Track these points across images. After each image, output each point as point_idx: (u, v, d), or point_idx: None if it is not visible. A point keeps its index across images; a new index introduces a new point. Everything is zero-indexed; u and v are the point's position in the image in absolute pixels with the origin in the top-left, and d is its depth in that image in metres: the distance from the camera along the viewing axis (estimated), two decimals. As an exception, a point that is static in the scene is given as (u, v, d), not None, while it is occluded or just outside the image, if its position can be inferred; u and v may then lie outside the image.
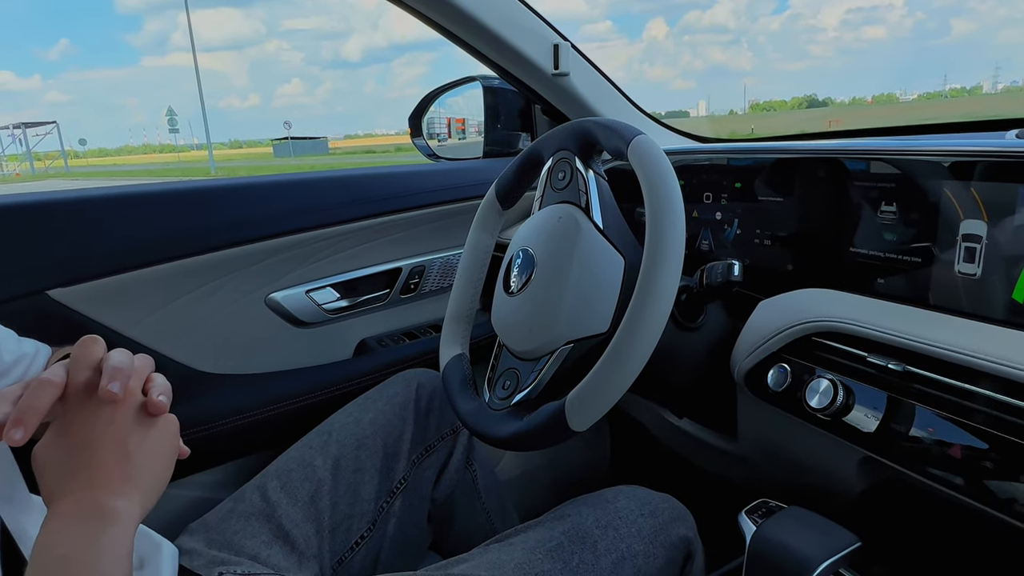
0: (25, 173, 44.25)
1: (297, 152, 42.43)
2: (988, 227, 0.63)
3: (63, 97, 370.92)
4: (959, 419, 0.60)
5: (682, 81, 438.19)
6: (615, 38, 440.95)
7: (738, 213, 0.92)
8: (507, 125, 1.35)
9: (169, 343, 0.95)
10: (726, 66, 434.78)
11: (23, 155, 50.22)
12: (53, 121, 52.01)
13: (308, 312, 1.08)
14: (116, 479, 0.47)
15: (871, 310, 0.70)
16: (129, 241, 0.91)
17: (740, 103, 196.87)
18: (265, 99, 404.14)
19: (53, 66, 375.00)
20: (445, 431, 0.95)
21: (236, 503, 0.81)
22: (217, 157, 54.86)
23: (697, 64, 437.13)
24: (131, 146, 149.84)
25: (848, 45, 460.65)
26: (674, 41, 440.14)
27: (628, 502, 0.79)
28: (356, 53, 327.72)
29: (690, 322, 0.81)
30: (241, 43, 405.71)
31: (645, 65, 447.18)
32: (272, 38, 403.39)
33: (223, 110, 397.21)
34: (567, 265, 0.72)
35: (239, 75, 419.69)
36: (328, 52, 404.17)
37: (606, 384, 0.62)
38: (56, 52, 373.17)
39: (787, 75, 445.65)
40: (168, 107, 39.73)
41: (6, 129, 52.39)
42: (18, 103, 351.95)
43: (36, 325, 0.75)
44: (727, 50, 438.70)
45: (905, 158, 0.72)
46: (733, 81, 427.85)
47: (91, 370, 0.50)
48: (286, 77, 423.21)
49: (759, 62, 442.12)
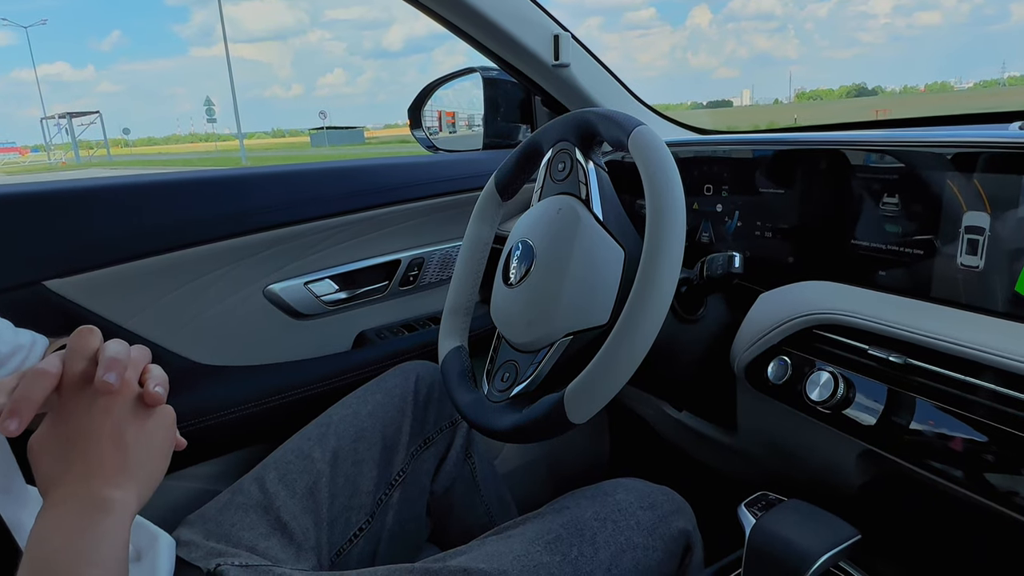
0: (70, 162, 45.27)
1: (332, 142, 42.51)
2: (991, 219, 0.63)
3: (114, 87, 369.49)
4: (960, 412, 0.60)
5: (726, 69, 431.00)
6: (658, 26, 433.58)
7: (739, 205, 0.92)
8: (507, 116, 1.34)
9: (167, 334, 0.95)
10: (771, 54, 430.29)
11: (70, 144, 50.91)
12: (97, 111, 52.72)
13: (307, 304, 1.08)
14: (112, 470, 0.47)
15: (872, 302, 0.70)
16: (127, 232, 0.90)
17: (786, 92, 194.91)
18: (308, 89, 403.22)
19: (105, 57, 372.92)
20: (444, 423, 0.94)
21: (234, 495, 0.81)
22: (255, 147, 57.10)
23: (741, 52, 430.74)
24: (178, 135, 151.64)
25: (900, 32, 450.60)
26: (718, 29, 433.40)
27: (627, 495, 0.78)
28: (397, 43, 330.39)
29: (690, 314, 0.81)
30: (285, 33, 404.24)
31: (688, 53, 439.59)
32: (315, 28, 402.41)
33: (267, 99, 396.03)
34: (566, 257, 0.72)
35: (283, 65, 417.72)
36: (369, 42, 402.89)
37: (605, 377, 0.61)
38: (108, 43, 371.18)
39: (835, 63, 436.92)
40: (206, 97, 39.87)
41: (52, 119, 52.89)
42: (73, 94, 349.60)
43: (33, 316, 0.75)
44: (772, 38, 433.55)
45: (908, 150, 0.71)
46: (779, 69, 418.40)
47: (87, 360, 0.50)
48: (328, 67, 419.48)
49: (806, 50, 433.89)
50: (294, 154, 34.12)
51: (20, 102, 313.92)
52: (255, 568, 0.70)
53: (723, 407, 0.90)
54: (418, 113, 1.40)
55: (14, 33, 69.34)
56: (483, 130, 1.35)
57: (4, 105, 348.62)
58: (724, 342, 0.84)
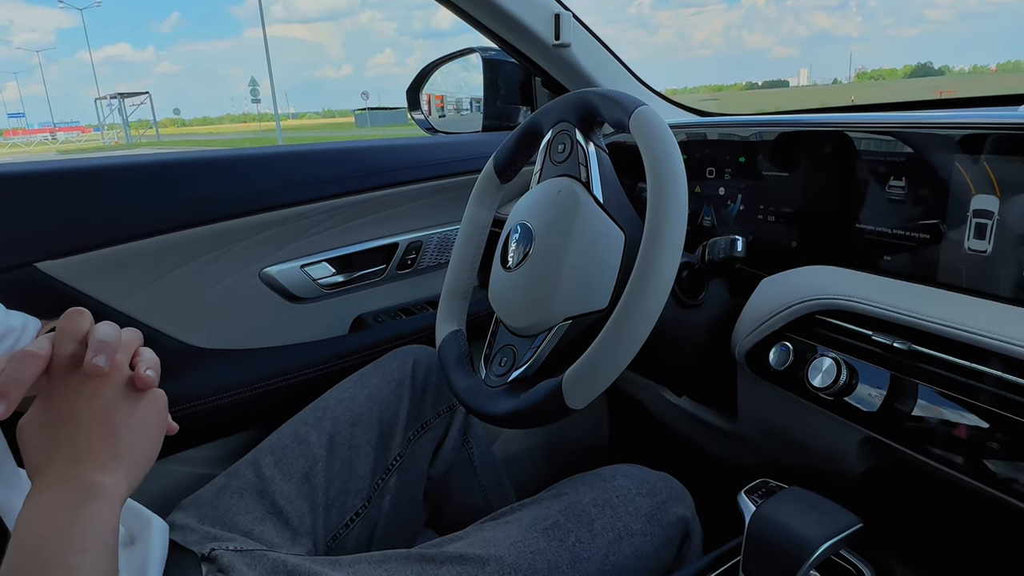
0: (121, 141, 47.02)
1: (375, 122, 42.72)
2: (1000, 203, 0.61)
3: (173, 68, 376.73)
4: (965, 399, 0.59)
5: (783, 49, 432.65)
6: (713, 4, 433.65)
7: (742, 189, 0.91)
8: (507, 98, 1.32)
9: (161, 317, 0.94)
10: (831, 33, 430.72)
11: (123, 124, 51.97)
12: (146, 92, 53.19)
13: (303, 287, 1.06)
14: (101, 454, 0.46)
15: (877, 287, 0.69)
16: (122, 213, 0.89)
17: (845, 72, 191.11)
18: (358, 69, 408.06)
19: (165, 38, 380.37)
20: (441, 408, 0.94)
21: (229, 479, 0.80)
22: (301, 127, 60.21)
23: (800, 31, 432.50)
24: (231, 115, 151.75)
25: (971, 8, 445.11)
26: (776, 6, 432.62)
27: (626, 481, 0.78)
28: (446, 22, 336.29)
29: (691, 299, 0.80)
30: (337, 14, 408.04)
31: (744, 32, 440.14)
32: (366, 9, 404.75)
33: (318, 80, 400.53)
34: (566, 240, 0.71)
35: (334, 46, 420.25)
36: (419, 22, 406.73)
37: (604, 361, 0.61)
38: (168, 25, 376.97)
39: (900, 42, 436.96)
40: (251, 78, 39.88)
41: (105, 99, 53.44)
42: (134, 74, 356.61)
43: (25, 298, 0.74)
44: (833, 15, 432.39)
45: (915, 132, 0.70)
46: (839, 48, 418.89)
47: (77, 343, 0.49)
48: (379, 47, 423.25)
49: (869, 28, 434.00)
50: (335, 135, 34.37)
51: (85, 82, 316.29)
52: (250, 553, 0.69)
53: (723, 393, 0.90)
54: (416, 94, 1.39)
55: (77, 16, 69.84)
56: (483, 112, 1.33)
57: (70, 85, 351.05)
58: (725, 327, 0.83)
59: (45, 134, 66.46)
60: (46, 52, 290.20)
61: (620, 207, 0.73)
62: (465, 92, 1.42)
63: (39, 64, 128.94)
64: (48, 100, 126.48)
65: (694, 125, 1.01)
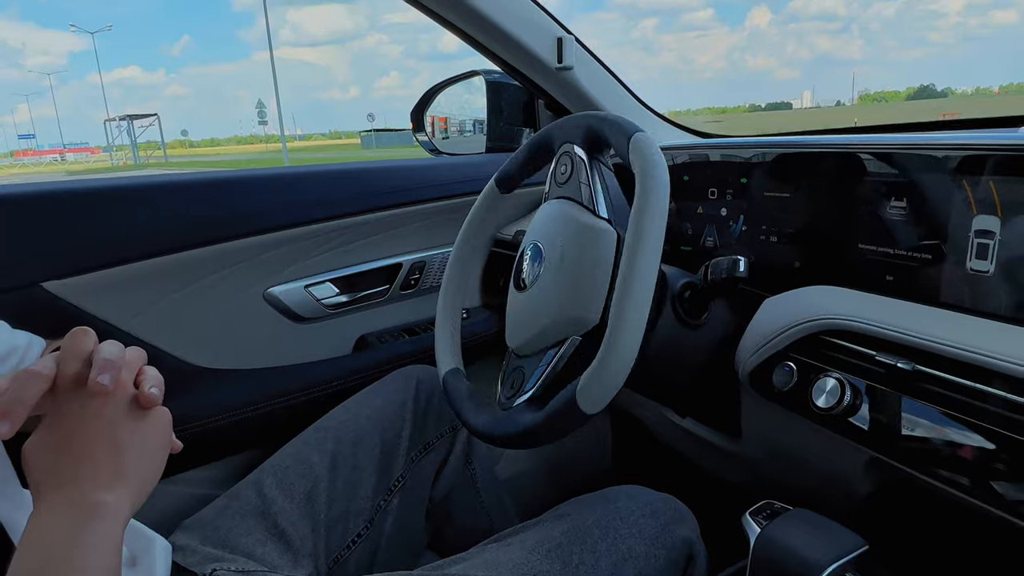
0: (130, 161, 47.96)
1: (381, 143, 43.21)
2: (1001, 223, 0.62)
3: (183, 90, 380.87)
4: (969, 419, 0.59)
5: (786, 71, 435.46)
6: (716, 26, 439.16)
7: (744, 209, 0.91)
8: (510, 119, 1.33)
9: (166, 337, 0.94)
10: (834, 55, 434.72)
11: (131, 145, 52.63)
12: (155, 114, 54.17)
13: (307, 307, 1.07)
14: (105, 473, 0.46)
15: (880, 308, 0.69)
16: (126, 234, 0.90)
17: (849, 93, 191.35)
18: (365, 91, 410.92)
19: (175, 61, 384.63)
20: (444, 428, 0.93)
21: (231, 500, 0.80)
22: (307, 148, 62.07)
23: (802, 53, 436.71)
24: (239, 136, 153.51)
25: (973, 31, 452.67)
26: (778, 29, 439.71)
27: (629, 502, 0.77)
28: (452, 45, 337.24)
29: (694, 319, 0.80)
30: (344, 37, 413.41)
31: (747, 54, 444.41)
32: (373, 32, 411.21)
33: (326, 102, 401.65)
34: (569, 258, 0.71)
35: (341, 68, 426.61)
36: (425, 45, 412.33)
37: (610, 362, 0.60)
38: (178, 48, 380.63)
39: (902, 64, 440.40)
40: (258, 100, 40.47)
41: (114, 121, 54.24)
42: (144, 96, 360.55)
43: (30, 317, 0.74)
44: (835, 38, 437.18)
45: (917, 153, 0.70)
46: (842, 70, 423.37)
47: (81, 362, 0.49)
48: (385, 70, 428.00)
49: (871, 50, 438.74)
50: (341, 155, 34.72)
51: (95, 104, 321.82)
52: (251, 574, 0.69)
53: (727, 414, 0.89)
54: (421, 116, 1.40)
55: (89, 39, 71.14)
56: (486, 133, 1.34)
57: (80, 107, 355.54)
58: (728, 347, 0.83)
59: (55, 155, 67.32)
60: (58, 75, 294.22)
61: (625, 223, 0.73)
62: (468, 114, 1.44)
63: (50, 86, 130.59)
64: (58, 122, 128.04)
65: (696, 147, 1.01)
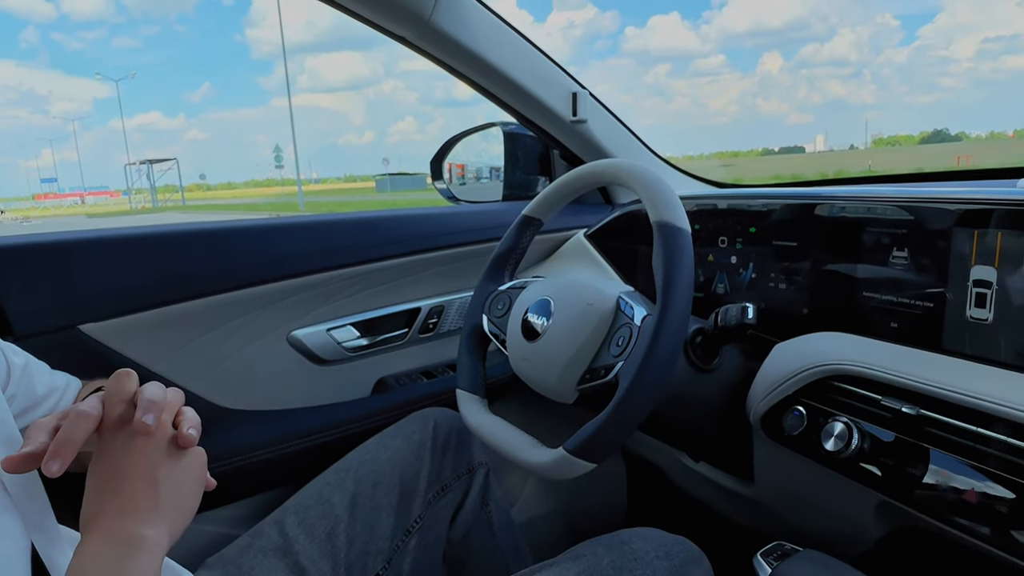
0: (149, 204, 49.05)
1: (395, 187, 44.24)
2: (998, 273, 0.64)
3: (202, 135, 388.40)
4: (975, 464, 0.60)
5: (799, 115, 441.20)
6: (727, 72, 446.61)
7: (753, 257, 0.94)
8: (526, 169, 1.38)
9: (193, 378, 0.97)
10: (846, 100, 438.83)
11: (150, 189, 53.73)
12: (173, 158, 55.29)
13: (329, 350, 1.10)
14: (145, 508, 0.49)
15: (885, 354, 0.71)
16: (157, 279, 0.93)
17: (862, 138, 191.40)
18: (380, 135, 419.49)
19: (195, 107, 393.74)
20: (462, 470, 0.95)
21: (254, 538, 0.81)
22: (322, 191, 63.57)
23: (815, 98, 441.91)
24: (256, 180, 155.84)
25: (985, 76, 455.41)
26: (790, 75, 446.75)
27: (643, 543, 0.78)
28: (466, 92, 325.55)
29: (706, 364, 0.82)
30: (360, 84, 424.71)
31: (759, 99, 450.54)
32: (389, 78, 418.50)
33: (341, 146, 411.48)
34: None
35: (357, 113, 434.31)
36: (440, 92, 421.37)
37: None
38: (199, 95, 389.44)
39: (915, 109, 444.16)
40: (275, 145, 41.39)
41: (134, 165, 55.55)
42: (164, 141, 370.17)
43: (67, 359, 0.78)
44: (847, 83, 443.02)
45: (917, 205, 0.73)
46: (855, 115, 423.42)
47: (125, 403, 0.52)
48: (400, 115, 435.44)
49: (883, 95, 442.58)
50: (355, 199, 35.07)
51: (117, 149, 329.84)
52: (274, 612, 0.70)
53: (740, 457, 0.90)
54: (440, 165, 1.45)
55: (113, 86, 73.11)
56: (503, 181, 1.38)
57: (101, 152, 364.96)
58: (740, 392, 0.84)
59: (75, 198, 68.52)
60: (81, 120, 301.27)
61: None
62: (486, 160, 1.48)
63: (74, 132, 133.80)
64: (80, 166, 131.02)
65: (707, 196, 1.05)
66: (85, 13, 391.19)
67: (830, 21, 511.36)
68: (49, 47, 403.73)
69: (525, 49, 1.12)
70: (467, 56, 1.06)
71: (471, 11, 1.03)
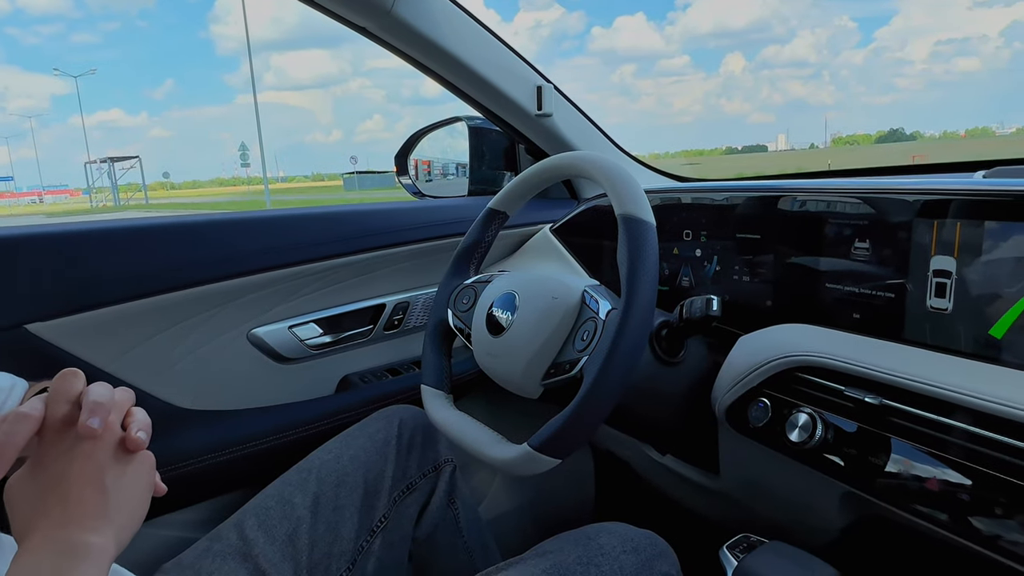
0: (110, 204, 47.81)
1: (363, 185, 43.78)
2: (957, 263, 0.65)
3: (165, 133, 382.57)
4: (936, 452, 0.61)
5: (761, 115, 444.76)
6: (692, 72, 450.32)
7: (717, 250, 0.94)
8: (491, 164, 1.37)
9: (149, 379, 0.94)
10: (806, 100, 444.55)
11: (111, 188, 52.19)
12: (136, 156, 53.89)
13: (290, 348, 1.08)
14: (91, 515, 0.47)
15: (848, 344, 0.72)
16: (110, 276, 0.90)
17: (822, 137, 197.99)
18: (347, 134, 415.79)
19: (158, 104, 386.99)
20: (427, 468, 0.94)
21: (212, 542, 0.79)
22: (289, 190, 62.56)
23: (776, 98, 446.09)
24: (221, 178, 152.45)
25: (938, 78, 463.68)
26: (752, 75, 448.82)
27: (610, 539, 0.78)
28: (433, 90, 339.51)
29: (672, 357, 0.82)
30: (327, 82, 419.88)
31: (723, 100, 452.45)
32: (356, 76, 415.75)
33: (308, 144, 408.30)
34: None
35: (324, 112, 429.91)
36: (408, 90, 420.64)
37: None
38: (162, 92, 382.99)
39: (872, 109, 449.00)
40: (241, 143, 40.45)
41: (94, 163, 53.99)
42: (126, 139, 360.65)
43: (13, 359, 0.75)
44: (807, 84, 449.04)
45: (877, 197, 0.74)
46: (814, 115, 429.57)
47: (70, 404, 0.49)
48: (368, 113, 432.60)
49: (842, 96, 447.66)
50: (322, 197, 34.77)
51: (77, 146, 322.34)
52: (233, 617, 0.68)
53: (706, 450, 0.91)
54: (404, 160, 1.43)
55: (72, 82, 70.81)
56: (468, 176, 1.37)
57: (61, 150, 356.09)
58: (705, 385, 0.85)
59: (33, 197, 66.80)
60: (39, 117, 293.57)
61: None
62: (452, 157, 1.47)
63: (31, 129, 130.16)
64: (38, 164, 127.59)
65: (670, 190, 1.05)
66: (41, 7, 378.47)
67: (790, 23, 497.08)
68: (3, 42, 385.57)
69: (489, 42, 1.11)
70: (430, 48, 1.05)
71: (434, 2, 1.02)
